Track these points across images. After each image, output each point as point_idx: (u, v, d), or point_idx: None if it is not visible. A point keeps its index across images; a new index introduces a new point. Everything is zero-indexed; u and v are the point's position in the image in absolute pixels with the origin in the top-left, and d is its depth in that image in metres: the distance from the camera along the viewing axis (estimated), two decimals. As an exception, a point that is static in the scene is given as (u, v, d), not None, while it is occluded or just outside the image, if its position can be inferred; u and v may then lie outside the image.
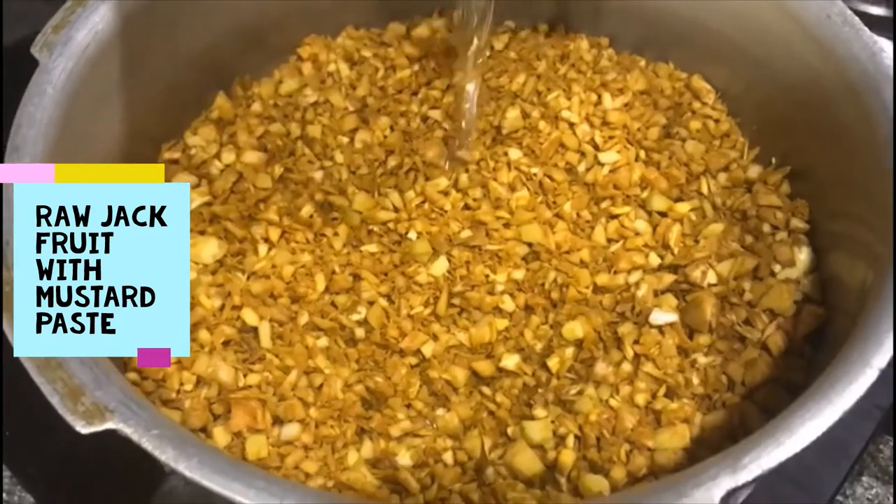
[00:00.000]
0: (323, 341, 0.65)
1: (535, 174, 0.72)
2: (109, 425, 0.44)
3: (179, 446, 0.44)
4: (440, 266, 0.68)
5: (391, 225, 0.70)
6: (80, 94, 0.62)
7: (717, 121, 0.76)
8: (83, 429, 0.44)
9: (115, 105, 0.67)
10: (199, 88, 0.76)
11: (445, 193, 0.71)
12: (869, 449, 0.77)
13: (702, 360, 0.63)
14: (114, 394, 0.46)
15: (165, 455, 0.44)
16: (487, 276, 0.67)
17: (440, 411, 0.62)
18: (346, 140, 0.75)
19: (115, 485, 0.64)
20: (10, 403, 0.68)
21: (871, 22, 0.86)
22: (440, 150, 0.74)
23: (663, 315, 0.64)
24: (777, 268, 0.67)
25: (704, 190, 0.71)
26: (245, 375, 0.63)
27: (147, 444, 0.44)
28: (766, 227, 0.69)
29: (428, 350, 0.64)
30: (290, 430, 0.60)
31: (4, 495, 0.69)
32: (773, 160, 0.73)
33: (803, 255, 0.67)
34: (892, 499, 0.76)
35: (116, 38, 0.64)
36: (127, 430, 0.44)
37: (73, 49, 0.62)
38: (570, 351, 0.64)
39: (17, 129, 0.57)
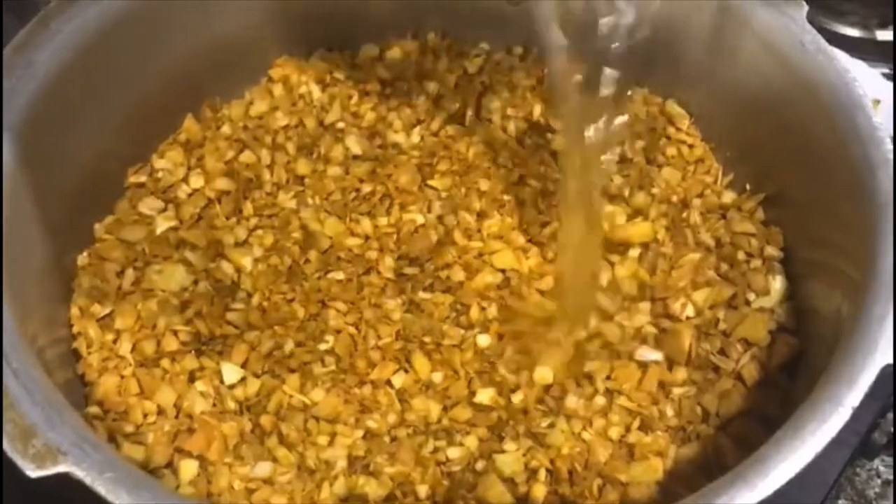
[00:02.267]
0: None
1: (507, 201, 0.72)
2: (61, 468, 0.43)
3: (134, 490, 0.43)
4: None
5: (358, 251, 0.69)
6: (42, 118, 0.60)
7: (691, 146, 0.75)
8: (33, 472, 0.42)
9: (79, 128, 0.66)
10: (168, 110, 0.75)
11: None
12: (846, 473, 0.77)
13: (676, 390, 0.62)
14: (67, 434, 0.44)
15: (119, 500, 0.42)
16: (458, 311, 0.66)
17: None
18: (321, 166, 0.74)
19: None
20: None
21: (846, 44, 0.88)
22: (413, 177, 0.72)
23: (650, 353, 0.63)
24: (751, 296, 0.66)
25: (684, 218, 0.71)
26: (214, 405, 0.61)
27: (100, 489, 0.42)
28: (741, 255, 0.68)
29: (398, 381, 0.63)
30: (263, 469, 0.58)
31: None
32: (748, 186, 0.72)
33: (777, 284, 0.66)
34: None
35: (80, 60, 0.63)
36: (79, 473, 0.43)
37: (34, 72, 0.60)
38: (538, 388, 0.63)
39: (-23, 154, 0.56)
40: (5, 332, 0.48)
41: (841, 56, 0.65)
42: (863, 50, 0.87)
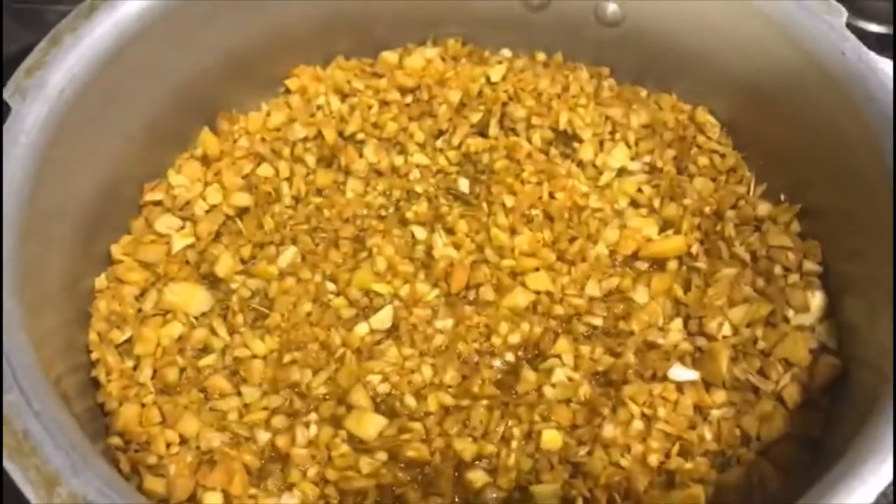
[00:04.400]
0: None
1: (535, 215, 0.69)
2: (87, 518, 0.41)
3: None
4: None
5: (379, 289, 0.66)
6: (56, 140, 0.58)
7: (722, 156, 0.73)
8: (59, 523, 0.41)
9: (93, 148, 0.64)
10: (183, 124, 0.73)
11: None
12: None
13: (714, 413, 0.60)
14: (92, 481, 0.42)
15: (148, 549, 0.41)
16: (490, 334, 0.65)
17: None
18: (341, 177, 0.72)
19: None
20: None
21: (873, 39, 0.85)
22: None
23: (684, 371, 0.61)
24: (790, 313, 0.64)
25: (717, 231, 0.68)
26: (235, 434, 0.59)
27: (128, 538, 0.41)
28: (778, 269, 0.66)
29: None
30: (290, 501, 0.57)
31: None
32: (782, 197, 0.70)
33: (817, 300, 0.64)
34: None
35: (94, 78, 0.61)
36: (106, 523, 0.41)
37: (47, 93, 0.58)
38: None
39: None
40: (26, 373, 0.46)
41: (884, 64, 0.62)
42: (883, 45, 0.84)
